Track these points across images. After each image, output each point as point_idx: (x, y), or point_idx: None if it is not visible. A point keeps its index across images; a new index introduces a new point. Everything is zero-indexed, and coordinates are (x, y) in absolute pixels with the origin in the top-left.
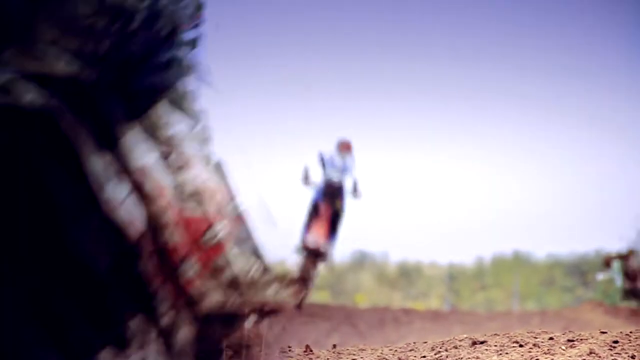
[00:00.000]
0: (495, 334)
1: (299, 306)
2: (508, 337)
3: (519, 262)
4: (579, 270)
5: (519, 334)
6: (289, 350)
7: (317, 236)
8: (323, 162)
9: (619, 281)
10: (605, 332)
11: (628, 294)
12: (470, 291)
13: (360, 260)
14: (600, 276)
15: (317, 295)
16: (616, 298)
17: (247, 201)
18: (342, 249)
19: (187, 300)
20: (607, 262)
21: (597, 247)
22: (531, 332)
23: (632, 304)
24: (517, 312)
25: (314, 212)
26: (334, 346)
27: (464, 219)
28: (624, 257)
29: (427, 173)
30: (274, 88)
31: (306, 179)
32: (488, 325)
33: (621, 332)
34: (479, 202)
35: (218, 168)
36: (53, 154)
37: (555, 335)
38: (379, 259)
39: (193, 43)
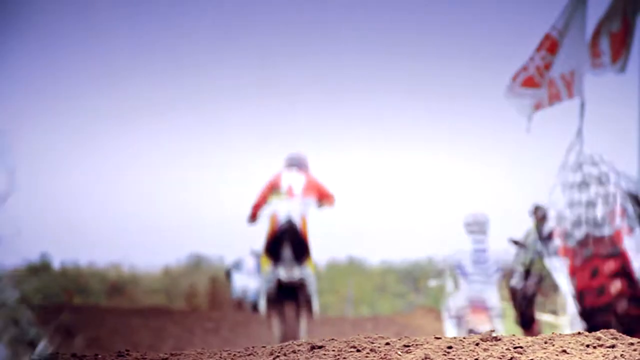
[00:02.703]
0: (332, 339)
1: None
2: (346, 342)
3: (353, 268)
4: (412, 276)
5: (357, 338)
6: (127, 354)
7: None
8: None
9: (450, 287)
10: (440, 338)
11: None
12: None
13: (196, 264)
14: (433, 282)
15: (152, 299)
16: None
17: None
18: (177, 253)
19: None
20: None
21: (428, 254)
22: (368, 337)
23: None
24: (351, 318)
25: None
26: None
27: None
28: None
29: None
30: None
31: None
32: (322, 330)
33: (454, 338)
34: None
35: None
36: None
37: (391, 341)
38: (215, 262)
39: None
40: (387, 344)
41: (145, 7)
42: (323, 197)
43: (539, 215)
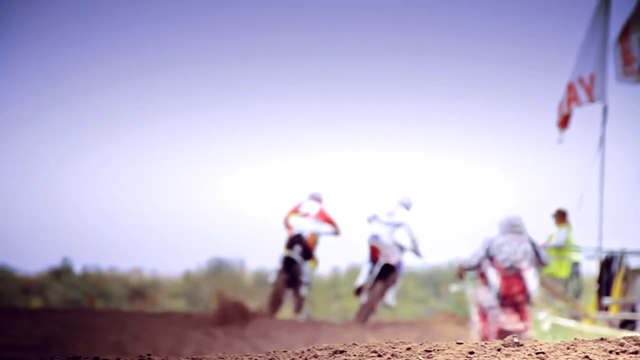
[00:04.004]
0: (354, 344)
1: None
2: (367, 347)
3: None
4: (432, 281)
5: (378, 344)
6: (148, 358)
7: None
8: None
9: (471, 292)
10: (462, 343)
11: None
12: (324, 300)
13: (217, 268)
14: (454, 288)
15: (172, 304)
16: (468, 309)
17: None
18: (198, 257)
19: None
20: (460, 274)
21: (449, 259)
22: (389, 342)
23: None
24: (371, 322)
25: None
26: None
27: None
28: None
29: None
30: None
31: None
32: (343, 335)
33: (476, 343)
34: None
35: None
36: None
37: (412, 346)
38: (235, 266)
39: None
40: (409, 349)
41: (146, 6)
42: (329, 223)
43: (560, 219)
